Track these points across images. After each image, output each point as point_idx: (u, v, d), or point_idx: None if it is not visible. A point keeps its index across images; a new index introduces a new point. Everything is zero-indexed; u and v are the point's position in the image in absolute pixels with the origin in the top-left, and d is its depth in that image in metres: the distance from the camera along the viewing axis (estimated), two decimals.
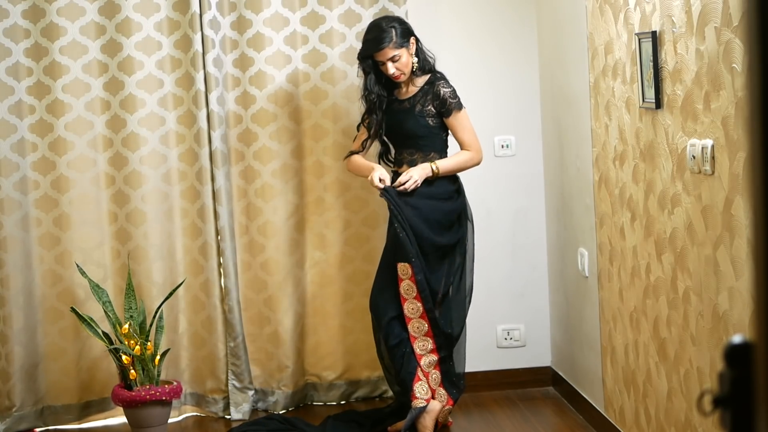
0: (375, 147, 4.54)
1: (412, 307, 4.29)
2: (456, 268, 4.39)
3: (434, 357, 4.33)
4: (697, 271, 3.20)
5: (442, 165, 4.33)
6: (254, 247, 4.82)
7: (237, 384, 4.80)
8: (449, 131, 4.41)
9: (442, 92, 4.32)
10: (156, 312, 4.59)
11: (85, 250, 4.73)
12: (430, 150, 4.36)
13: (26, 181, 4.66)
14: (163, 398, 4.48)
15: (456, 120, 4.34)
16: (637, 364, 3.84)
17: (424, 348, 4.31)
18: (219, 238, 4.74)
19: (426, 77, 4.38)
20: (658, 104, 3.42)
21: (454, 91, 4.34)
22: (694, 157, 3.14)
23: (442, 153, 4.39)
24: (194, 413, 4.91)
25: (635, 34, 3.58)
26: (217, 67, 4.65)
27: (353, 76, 4.74)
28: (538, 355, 5.05)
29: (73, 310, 4.56)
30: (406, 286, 4.29)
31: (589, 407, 4.46)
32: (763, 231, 1.18)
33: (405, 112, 4.36)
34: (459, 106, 4.33)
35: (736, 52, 2.81)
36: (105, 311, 4.54)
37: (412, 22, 4.72)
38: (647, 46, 3.45)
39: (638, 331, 3.79)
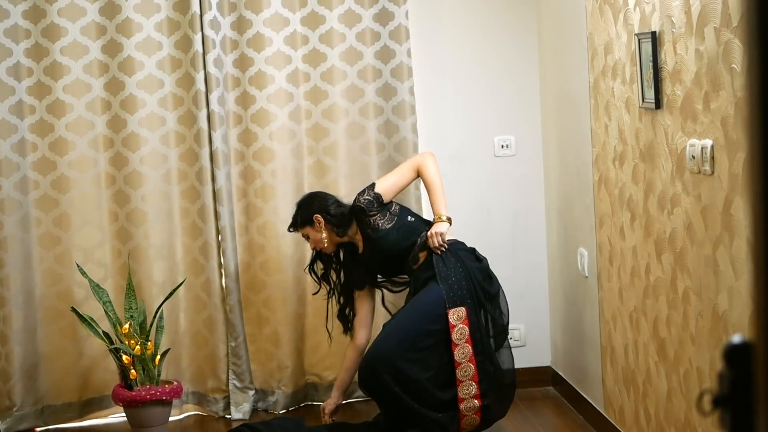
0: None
1: (462, 351, 4.15)
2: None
3: (476, 402, 4.18)
4: (696, 271, 3.20)
5: (443, 209, 4.26)
6: (254, 247, 4.82)
7: (238, 384, 4.80)
8: (396, 207, 4.35)
9: (362, 201, 4.28)
10: (156, 312, 4.59)
11: (85, 249, 4.73)
12: (416, 235, 4.28)
13: (26, 181, 4.67)
14: (164, 398, 4.49)
15: (381, 187, 4.30)
16: (636, 364, 3.84)
17: (467, 392, 4.18)
18: (220, 237, 4.74)
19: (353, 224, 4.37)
20: (658, 104, 3.42)
21: (358, 193, 4.31)
22: (693, 157, 3.14)
23: (422, 223, 4.33)
24: (195, 412, 4.92)
25: (635, 34, 3.59)
26: (217, 68, 4.65)
27: (353, 76, 4.75)
28: (538, 355, 5.05)
29: (73, 309, 4.56)
30: (459, 332, 4.15)
31: (589, 407, 4.46)
32: (762, 231, 1.19)
33: (374, 245, 4.31)
34: (371, 186, 4.32)
35: (736, 53, 2.82)
36: (105, 311, 4.54)
37: (412, 22, 4.73)
38: (647, 46, 3.45)
39: (638, 331, 3.79)
